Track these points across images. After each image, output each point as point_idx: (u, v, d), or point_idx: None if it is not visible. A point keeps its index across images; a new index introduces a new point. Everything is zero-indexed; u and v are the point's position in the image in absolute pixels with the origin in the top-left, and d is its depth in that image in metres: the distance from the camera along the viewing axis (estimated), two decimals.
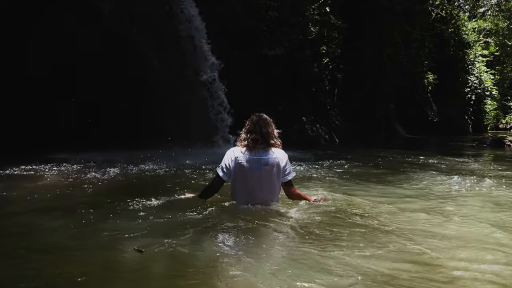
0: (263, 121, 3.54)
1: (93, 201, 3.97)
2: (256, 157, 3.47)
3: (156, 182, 5.30)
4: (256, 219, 3.23)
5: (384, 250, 2.68)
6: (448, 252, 2.69)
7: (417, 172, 6.72)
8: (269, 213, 3.43)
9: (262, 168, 3.46)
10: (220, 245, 2.74)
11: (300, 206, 3.65)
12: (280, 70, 13.29)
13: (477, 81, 35.70)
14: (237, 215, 3.34)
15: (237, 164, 3.48)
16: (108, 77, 8.83)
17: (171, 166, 6.50)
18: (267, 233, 3.03)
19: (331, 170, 6.81)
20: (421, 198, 4.56)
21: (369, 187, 5.15)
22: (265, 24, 11.97)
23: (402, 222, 3.42)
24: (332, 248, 2.69)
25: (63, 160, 6.63)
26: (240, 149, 3.53)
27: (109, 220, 3.25)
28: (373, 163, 8.12)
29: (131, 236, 2.83)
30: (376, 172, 6.85)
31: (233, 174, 3.52)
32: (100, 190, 4.66)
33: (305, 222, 3.26)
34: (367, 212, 3.71)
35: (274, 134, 3.57)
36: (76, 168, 6.11)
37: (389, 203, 4.13)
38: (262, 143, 3.47)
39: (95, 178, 5.36)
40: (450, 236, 3.05)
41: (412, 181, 5.77)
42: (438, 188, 5.22)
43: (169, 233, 2.87)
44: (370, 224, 3.29)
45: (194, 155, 7.89)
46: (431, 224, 3.38)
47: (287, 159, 3.60)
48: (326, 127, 15.59)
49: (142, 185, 5.05)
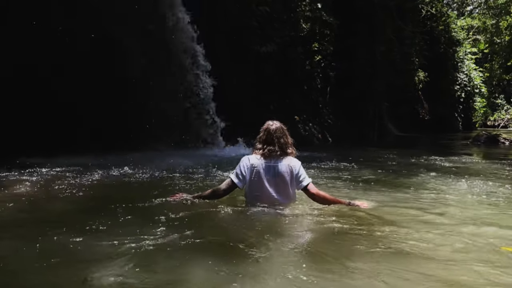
0: (279, 132, 3.55)
1: (65, 214, 3.48)
2: (271, 164, 3.50)
3: (139, 188, 4.81)
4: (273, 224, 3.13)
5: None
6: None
7: (418, 174, 6.33)
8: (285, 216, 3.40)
9: (277, 175, 3.49)
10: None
11: (313, 209, 3.56)
12: (272, 67, 12.86)
13: (466, 79, 35.81)
14: (258, 219, 3.28)
15: (254, 171, 3.50)
16: (92, 77, 8.28)
17: (155, 169, 6.01)
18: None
19: (327, 171, 6.40)
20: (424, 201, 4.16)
21: (371, 191, 4.73)
22: (256, 20, 11.49)
23: (423, 241, 3.00)
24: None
25: (38, 164, 6.08)
26: (256, 156, 3.55)
27: (80, 240, 2.76)
28: (370, 163, 7.71)
29: (102, 266, 2.35)
30: (376, 172, 6.45)
31: (248, 180, 3.53)
32: (75, 199, 4.15)
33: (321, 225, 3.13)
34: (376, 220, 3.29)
35: (290, 143, 3.61)
36: (51, 174, 5.57)
37: (400, 215, 3.71)
38: (280, 153, 3.51)
39: (72, 185, 4.84)
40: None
41: (415, 184, 5.37)
42: (451, 194, 4.82)
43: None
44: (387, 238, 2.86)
45: (183, 157, 7.41)
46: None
47: (300, 166, 3.58)
48: (318, 126, 15.21)
49: (123, 193, 4.54)
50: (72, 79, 8.05)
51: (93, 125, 8.12)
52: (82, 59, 8.07)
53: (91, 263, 2.35)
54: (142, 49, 8.78)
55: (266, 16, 11.85)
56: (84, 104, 8.10)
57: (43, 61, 7.70)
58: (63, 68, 7.97)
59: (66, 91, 7.95)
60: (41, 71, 7.65)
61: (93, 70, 8.20)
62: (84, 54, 8.10)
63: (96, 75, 8.20)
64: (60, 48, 7.85)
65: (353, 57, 16.77)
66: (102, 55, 8.23)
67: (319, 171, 6.48)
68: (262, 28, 11.95)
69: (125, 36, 8.37)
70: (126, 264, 2.34)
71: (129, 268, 2.29)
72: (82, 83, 8.14)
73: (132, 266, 2.32)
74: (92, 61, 8.14)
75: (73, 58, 8.04)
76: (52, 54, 7.79)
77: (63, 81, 7.88)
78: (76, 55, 8.00)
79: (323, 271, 2.31)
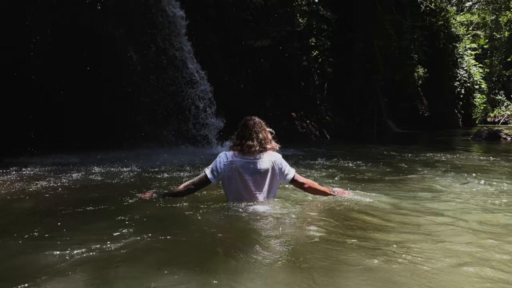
0: (257, 126, 3.40)
1: (26, 217, 3.18)
2: (251, 160, 3.33)
3: (117, 188, 4.49)
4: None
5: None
6: None
7: (419, 171, 6.03)
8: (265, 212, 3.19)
9: (257, 172, 3.33)
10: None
11: (297, 207, 3.38)
12: (268, 63, 12.55)
13: (466, 75, 35.46)
14: (238, 220, 3.03)
15: (231, 168, 3.33)
16: (80, 75, 7.96)
17: (141, 168, 5.71)
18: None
19: (323, 169, 6.09)
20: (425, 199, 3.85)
21: (369, 191, 4.43)
22: (250, 13, 11.16)
23: (423, 239, 2.70)
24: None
25: (22, 163, 5.77)
26: (233, 153, 3.38)
27: (31, 247, 2.45)
28: (369, 161, 7.39)
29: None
30: (376, 170, 6.14)
31: (227, 178, 3.37)
32: (45, 200, 3.84)
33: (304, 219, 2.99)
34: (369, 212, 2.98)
35: (269, 137, 3.44)
36: (30, 174, 5.26)
37: (404, 211, 3.41)
38: (259, 148, 3.33)
39: (47, 185, 4.53)
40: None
41: (416, 182, 5.07)
42: (453, 193, 4.51)
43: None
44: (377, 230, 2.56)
45: (173, 155, 7.11)
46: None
47: (282, 160, 3.45)
48: (316, 123, 14.90)
49: (98, 193, 4.21)
50: (59, 76, 7.72)
51: (81, 123, 7.79)
52: (69, 56, 7.75)
53: (38, 275, 2.04)
54: (132, 45, 8.45)
55: (260, 10, 11.52)
56: (72, 102, 7.79)
57: (29, 59, 7.38)
58: (49, 66, 7.64)
59: (53, 89, 7.63)
60: (27, 69, 7.32)
61: (81, 67, 7.89)
62: (72, 50, 7.78)
63: (84, 72, 7.89)
64: (46, 46, 7.54)
65: (351, 52, 16.45)
66: (89, 51, 7.91)
67: (315, 169, 6.18)
68: (256, 22, 11.62)
69: (114, 31, 8.04)
70: (82, 275, 2.03)
71: (85, 280, 1.98)
72: (70, 81, 7.82)
73: (89, 277, 2.01)
74: (79, 57, 7.83)
75: (60, 55, 7.72)
76: (37, 52, 7.50)
77: (50, 79, 7.55)
78: (64, 52, 7.67)
79: (306, 284, 2.01)
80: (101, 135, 7.49)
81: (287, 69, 13.69)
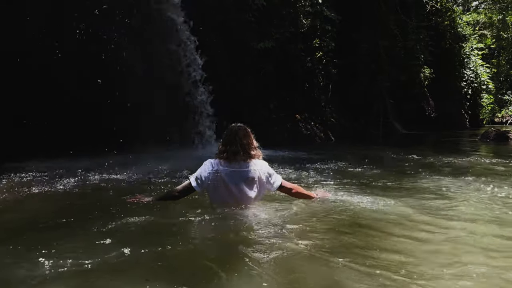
0: (242, 132, 3.39)
1: (21, 227, 3.04)
2: (236, 169, 3.31)
3: (109, 195, 4.37)
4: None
5: None
6: None
7: (427, 174, 5.83)
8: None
9: (243, 181, 3.31)
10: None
11: (289, 213, 3.32)
12: (271, 65, 12.38)
13: (473, 75, 35.05)
14: (225, 229, 2.91)
15: (217, 177, 3.31)
16: (78, 77, 7.86)
17: (137, 173, 5.58)
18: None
19: (328, 173, 5.92)
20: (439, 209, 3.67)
21: (378, 194, 4.25)
22: (252, 14, 11.01)
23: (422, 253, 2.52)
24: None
25: (14, 169, 5.65)
26: (219, 161, 3.35)
27: (11, 260, 2.32)
28: (375, 164, 7.20)
29: None
30: (382, 174, 5.95)
31: (212, 187, 3.35)
32: (29, 210, 3.71)
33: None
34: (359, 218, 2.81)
35: (254, 145, 3.43)
36: (20, 180, 5.13)
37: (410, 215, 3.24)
38: (243, 155, 3.31)
39: (34, 193, 4.39)
40: None
41: (430, 185, 4.88)
42: (463, 198, 4.32)
43: None
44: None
45: (172, 159, 6.96)
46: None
47: (268, 167, 3.44)
48: (321, 125, 14.70)
49: (87, 200, 4.07)
50: (58, 79, 7.61)
51: (79, 126, 7.67)
52: (69, 58, 7.64)
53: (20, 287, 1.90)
54: (132, 47, 8.33)
55: (263, 11, 11.37)
56: (69, 104, 7.68)
57: (29, 62, 7.29)
58: (49, 68, 7.54)
59: (52, 92, 7.52)
60: (26, 72, 7.23)
61: (80, 69, 7.78)
62: (71, 53, 7.67)
63: (82, 74, 7.78)
64: (46, 48, 7.43)
65: (356, 53, 16.25)
66: (89, 54, 7.80)
67: (318, 172, 6.01)
68: (259, 23, 11.46)
69: (114, 33, 7.92)
70: (67, 287, 1.89)
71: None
72: (69, 83, 7.72)
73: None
74: (79, 60, 7.71)
75: (59, 58, 7.62)
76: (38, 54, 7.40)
77: (49, 82, 7.45)
78: (63, 55, 7.57)
79: None
80: (102, 139, 7.35)
81: (290, 70, 13.52)
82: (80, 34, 8.01)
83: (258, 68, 11.89)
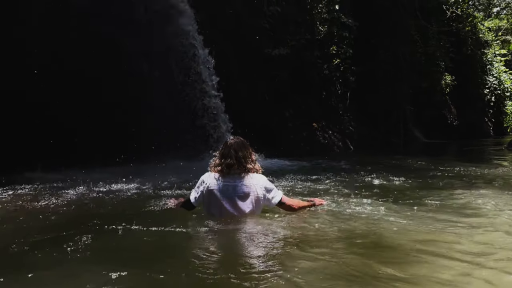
0: (238, 144, 3.26)
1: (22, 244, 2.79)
2: (230, 183, 3.16)
3: (114, 209, 4.08)
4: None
5: None
6: None
7: (456, 186, 5.39)
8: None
9: (237, 196, 3.14)
10: None
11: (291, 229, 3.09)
12: (287, 72, 12.09)
13: (496, 82, 34.11)
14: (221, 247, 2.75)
15: (209, 192, 3.18)
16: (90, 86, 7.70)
17: (147, 184, 5.30)
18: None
19: (348, 183, 5.53)
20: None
21: (402, 208, 3.85)
22: (267, 21, 10.77)
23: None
24: None
25: (24, 180, 5.46)
26: (214, 175, 3.22)
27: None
28: (399, 174, 6.75)
29: None
30: (408, 186, 5.53)
31: (205, 201, 3.25)
32: (40, 223, 3.46)
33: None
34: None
35: (252, 158, 3.27)
36: (30, 191, 4.93)
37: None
38: (238, 168, 3.16)
39: (42, 205, 4.16)
40: None
41: (458, 200, 4.44)
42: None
43: None
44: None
45: (185, 170, 6.67)
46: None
47: (267, 182, 3.26)
48: (339, 134, 14.29)
49: (92, 214, 3.78)
50: (67, 88, 7.46)
51: (89, 136, 7.49)
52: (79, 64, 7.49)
53: None
54: (143, 53, 8.16)
55: (278, 18, 11.11)
56: (80, 114, 7.52)
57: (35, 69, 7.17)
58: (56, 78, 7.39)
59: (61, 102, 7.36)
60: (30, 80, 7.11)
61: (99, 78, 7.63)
62: (81, 58, 7.53)
63: (94, 83, 7.63)
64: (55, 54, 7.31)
65: (375, 59, 15.83)
66: (100, 58, 7.64)
67: (337, 183, 5.62)
68: (274, 30, 11.21)
69: (125, 38, 7.77)
70: None
71: None
72: (79, 93, 7.56)
73: None
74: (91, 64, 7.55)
75: (69, 65, 7.48)
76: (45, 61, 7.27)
77: (57, 91, 7.30)
78: (72, 61, 7.43)
79: None
80: (113, 149, 7.15)
81: (307, 78, 13.20)
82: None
83: (273, 75, 11.61)
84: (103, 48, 7.67)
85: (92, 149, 7.29)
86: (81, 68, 7.45)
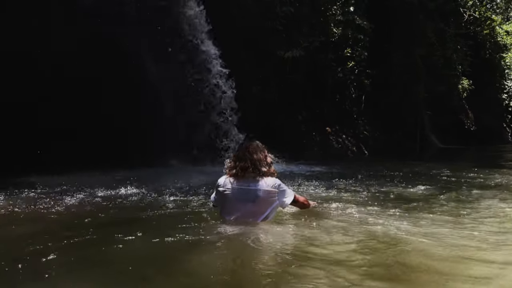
0: (253, 148, 3.25)
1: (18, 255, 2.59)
2: (245, 187, 3.14)
3: (117, 216, 3.87)
4: None
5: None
6: None
7: (486, 196, 5.03)
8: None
9: (252, 199, 3.14)
10: None
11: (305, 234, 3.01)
12: (300, 75, 11.83)
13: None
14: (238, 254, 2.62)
15: (224, 195, 3.20)
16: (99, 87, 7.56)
17: (154, 189, 5.08)
18: None
19: (363, 190, 5.23)
20: None
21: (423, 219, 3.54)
22: (279, 23, 10.52)
23: None
24: None
25: (27, 184, 5.30)
26: (228, 178, 3.21)
27: None
28: (417, 180, 6.40)
29: None
30: (428, 194, 5.20)
31: (221, 205, 3.31)
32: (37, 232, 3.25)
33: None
34: None
35: (267, 161, 3.23)
36: (30, 196, 4.75)
37: None
38: (253, 171, 3.14)
39: (41, 209, 3.97)
40: None
41: (484, 211, 4.11)
42: None
43: None
44: None
45: (194, 174, 6.45)
46: None
47: (280, 185, 3.22)
48: (353, 138, 13.95)
49: (92, 221, 3.56)
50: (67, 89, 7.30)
51: (97, 138, 7.32)
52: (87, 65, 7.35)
53: None
54: (153, 56, 8.00)
55: (291, 19, 10.86)
56: (89, 116, 7.37)
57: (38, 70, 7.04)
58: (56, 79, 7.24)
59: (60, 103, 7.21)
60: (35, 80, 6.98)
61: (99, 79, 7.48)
62: (90, 60, 7.38)
63: (102, 85, 7.48)
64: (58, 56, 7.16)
65: (390, 62, 15.46)
66: (109, 61, 7.48)
67: (351, 189, 5.33)
68: (286, 32, 10.95)
69: (134, 38, 7.60)
70: None
71: None
72: (87, 93, 7.42)
73: None
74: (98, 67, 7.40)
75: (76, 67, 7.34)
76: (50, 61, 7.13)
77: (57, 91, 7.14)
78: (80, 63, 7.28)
79: None
80: (115, 153, 6.97)
81: (320, 81, 12.92)
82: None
83: (285, 77, 11.35)
84: (103, 48, 7.52)
85: (92, 152, 7.13)
86: (81, 68, 7.31)
